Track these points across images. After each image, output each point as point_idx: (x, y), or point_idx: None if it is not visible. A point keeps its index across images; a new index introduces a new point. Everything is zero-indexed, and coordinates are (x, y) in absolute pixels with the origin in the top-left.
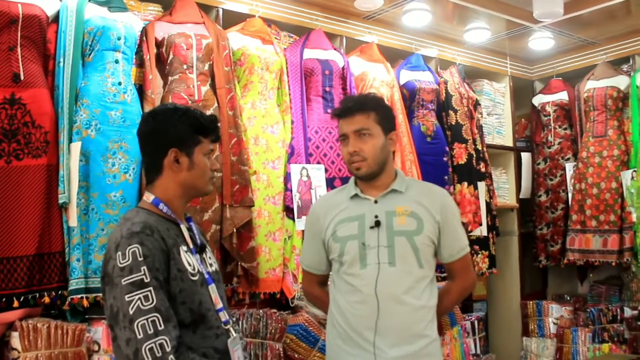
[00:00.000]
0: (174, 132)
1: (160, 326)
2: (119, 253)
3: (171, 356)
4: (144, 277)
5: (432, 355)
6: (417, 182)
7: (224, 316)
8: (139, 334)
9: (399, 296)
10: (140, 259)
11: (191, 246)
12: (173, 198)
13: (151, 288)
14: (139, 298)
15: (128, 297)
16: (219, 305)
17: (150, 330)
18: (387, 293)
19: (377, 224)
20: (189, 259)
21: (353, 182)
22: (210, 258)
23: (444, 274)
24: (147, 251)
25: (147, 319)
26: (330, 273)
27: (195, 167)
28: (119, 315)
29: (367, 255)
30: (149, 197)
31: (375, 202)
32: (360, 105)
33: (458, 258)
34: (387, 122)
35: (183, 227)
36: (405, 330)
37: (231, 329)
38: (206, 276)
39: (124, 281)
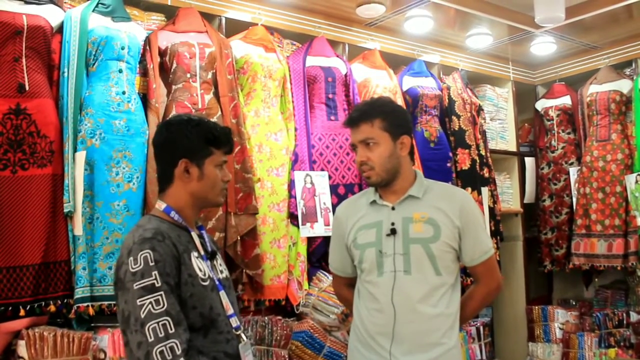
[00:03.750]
0: (185, 143)
1: (171, 329)
2: (131, 258)
3: (181, 359)
4: (155, 281)
5: None
6: (438, 185)
7: (235, 322)
8: (150, 337)
9: (415, 304)
10: (151, 264)
11: (202, 252)
12: (184, 207)
13: (162, 292)
14: (150, 302)
15: (139, 302)
16: (230, 310)
17: (161, 333)
18: (403, 301)
19: (393, 231)
20: (199, 265)
21: (373, 188)
22: (220, 265)
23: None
24: (159, 256)
25: (158, 323)
26: None
27: (205, 178)
28: (131, 319)
29: (383, 263)
30: (160, 205)
31: (393, 208)
32: (363, 115)
33: (480, 262)
34: (396, 127)
35: (194, 234)
36: (421, 339)
37: (242, 334)
38: (216, 282)
39: (136, 286)
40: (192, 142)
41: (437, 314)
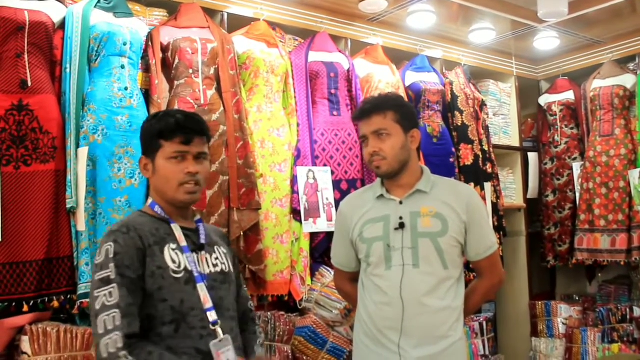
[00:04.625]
0: (142, 140)
1: (117, 322)
2: (98, 251)
3: (123, 352)
4: (111, 273)
5: (456, 355)
6: (444, 180)
7: (212, 316)
8: (100, 329)
9: (423, 298)
10: (110, 257)
11: (183, 244)
12: (160, 202)
13: (115, 284)
14: (105, 294)
15: (96, 293)
16: (208, 304)
17: (109, 326)
18: (411, 295)
19: (402, 225)
20: (174, 257)
21: (379, 182)
22: (216, 259)
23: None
24: (119, 248)
25: (108, 315)
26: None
27: (157, 172)
28: (91, 310)
29: (392, 257)
30: (149, 200)
31: (401, 202)
32: (376, 107)
33: (485, 257)
34: (407, 120)
35: (174, 226)
36: (430, 331)
37: (219, 329)
38: (195, 275)
39: (96, 277)
40: (145, 138)
41: (444, 307)
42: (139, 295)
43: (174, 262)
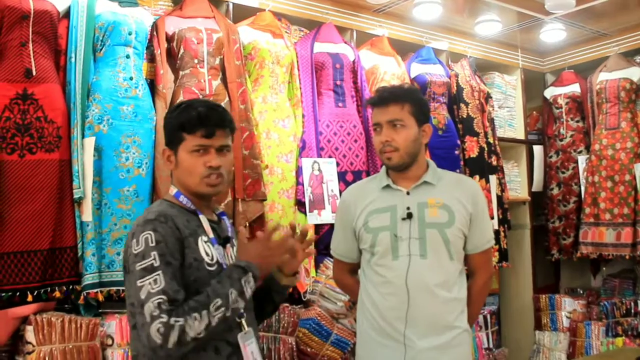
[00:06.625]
0: (166, 130)
1: (164, 306)
2: (134, 240)
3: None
4: (154, 261)
5: (462, 345)
6: (449, 173)
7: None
8: (147, 318)
9: (430, 288)
10: (151, 245)
11: (211, 237)
12: (185, 193)
13: (160, 272)
14: (149, 282)
15: (139, 283)
16: None
17: (155, 312)
18: (418, 285)
19: (409, 215)
20: (207, 249)
21: (384, 173)
22: (236, 252)
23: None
24: (160, 237)
25: (153, 302)
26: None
27: (180, 165)
28: (134, 301)
29: (398, 247)
30: (172, 190)
31: (408, 193)
32: (395, 96)
33: (482, 250)
34: (421, 114)
35: (202, 218)
36: (436, 322)
37: (244, 322)
38: (224, 268)
39: (138, 267)
40: (168, 129)
41: (451, 298)
42: (181, 284)
43: (207, 254)
